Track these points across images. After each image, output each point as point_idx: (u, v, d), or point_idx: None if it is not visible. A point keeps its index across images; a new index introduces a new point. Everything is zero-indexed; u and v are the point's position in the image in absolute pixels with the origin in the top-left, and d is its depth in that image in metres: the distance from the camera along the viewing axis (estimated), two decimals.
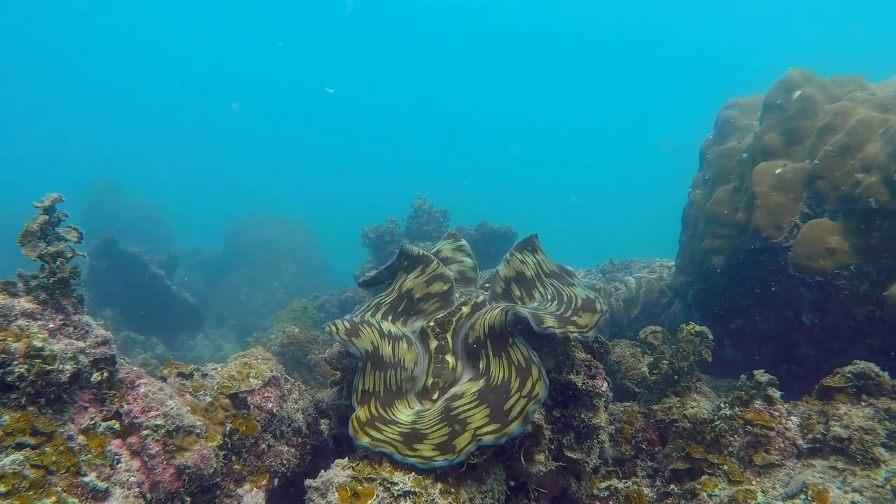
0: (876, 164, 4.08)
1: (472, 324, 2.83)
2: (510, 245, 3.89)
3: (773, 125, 5.15)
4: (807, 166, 4.66)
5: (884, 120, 4.35)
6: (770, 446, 3.20)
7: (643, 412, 3.76)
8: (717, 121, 6.27)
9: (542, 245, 3.45)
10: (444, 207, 11.53)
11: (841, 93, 5.08)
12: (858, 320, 4.21)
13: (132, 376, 2.48)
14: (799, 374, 4.60)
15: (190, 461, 2.39)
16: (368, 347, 2.66)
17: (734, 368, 4.30)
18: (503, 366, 2.52)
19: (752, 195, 4.84)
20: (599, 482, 3.32)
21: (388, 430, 2.38)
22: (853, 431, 3.10)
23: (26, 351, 2.15)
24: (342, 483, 2.20)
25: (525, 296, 3.12)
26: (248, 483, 2.81)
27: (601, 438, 2.97)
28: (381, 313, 3.12)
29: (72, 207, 2.44)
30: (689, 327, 3.90)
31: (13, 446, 2.05)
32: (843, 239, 4.17)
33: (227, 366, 3.14)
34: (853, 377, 3.31)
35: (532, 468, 2.52)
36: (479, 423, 2.30)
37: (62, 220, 2.42)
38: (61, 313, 2.36)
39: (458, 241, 3.95)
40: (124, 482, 2.24)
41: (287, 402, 3.15)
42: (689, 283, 5.90)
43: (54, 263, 2.37)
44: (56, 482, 2.06)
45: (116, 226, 15.53)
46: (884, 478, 2.90)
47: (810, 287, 4.41)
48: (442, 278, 3.22)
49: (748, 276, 5.14)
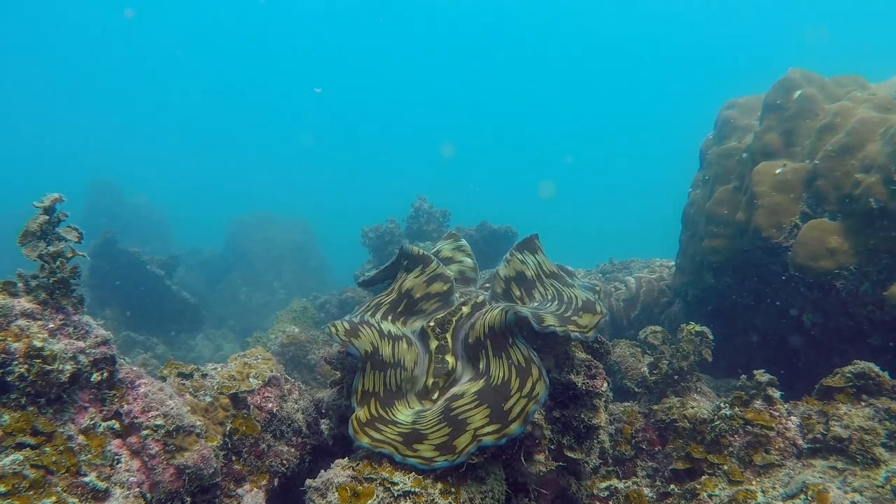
0: (876, 164, 4.08)
1: (472, 324, 2.83)
2: (510, 245, 3.89)
3: (773, 125, 5.15)
4: (807, 166, 4.66)
5: (884, 120, 4.35)
6: (770, 446, 3.20)
7: (643, 412, 3.76)
8: (717, 121, 6.27)
9: (543, 245, 3.45)
10: (444, 207, 11.53)
11: (841, 93, 5.08)
12: (858, 320, 4.21)
13: (132, 376, 2.48)
14: (799, 374, 4.59)
15: (190, 461, 2.39)
16: (368, 348, 2.66)
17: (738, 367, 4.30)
18: (503, 366, 2.51)
19: (752, 195, 4.84)
20: (599, 482, 3.32)
21: (387, 431, 2.38)
22: (853, 431, 3.10)
23: (26, 351, 2.15)
24: (342, 483, 2.20)
25: (525, 296, 3.12)
26: (248, 483, 2.81)
27: (601, 438, 2.97)
28: (380, 313, 3.12)
29: (72, 207, 2.44)
30: (689, 327, 3.91)
31: (13, 446, 2.05)
32: (844, 239, 4.17)
33: (227, 366, 3.14)
34: (853, 377, 3.31)
35: (532, 468, 2.52)
36: (480, 423, 2.30)
37: (62, 220, 2.42)
38: (61, 313, 2.36)
39: (458, 241, 3.95)
40: (124, 482, 2.24)
41: (287, 402, 3.15)
42: (689, 283, 5.90)
43: (54, 263, 2.37)
44: (56, 482, 2.06)
45: (116, 226, 15.53)
46: (884, 478, 2.90)
47: (810, 287, 4.40)
48: (442, 278, 3.21)
49: (748, 277, 5.14)
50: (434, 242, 9.65)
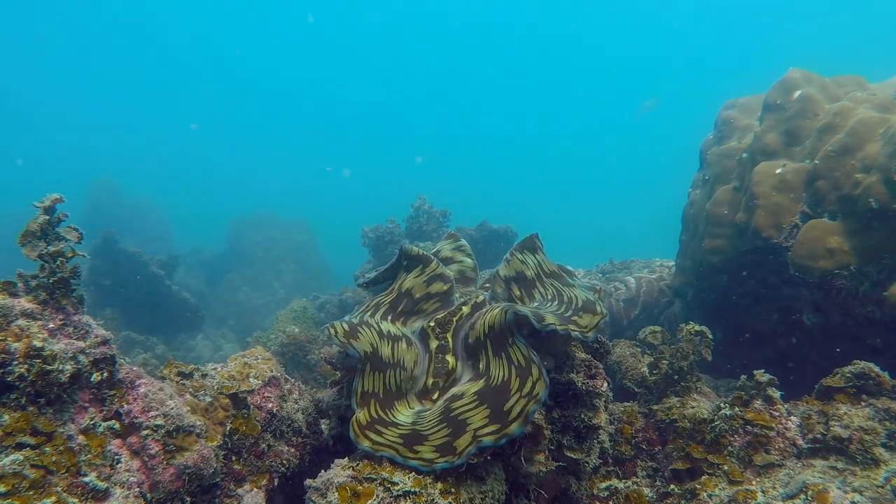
0: (876, 165, 4.08)
1: (472, 323, 2.83)
2: (510, 245, 3.89)
3: (773, 125, 5.15)
4: (807, 166, 4.66)
5: (884, 120, 4.35)
6: (770, 446, 3.20)
7: (643, 412, 3.76)
8: (717, 121, 6.27)
9: (543, 245, 3.44)
10: (444, 207, 11.54)
11: (841, 93, 5.08)
12: (858, 320, 4.21)
13: (132, 376, 2.48)
14: (799, 374, 4.59)
15: (190, 461, 2.39)
16: (367, 349, 2.66)
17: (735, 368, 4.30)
18: (503, 366, 2.51)
19: (752, 195, 4.84)
20: (599, 482, 3.32)
21: (388, 433, 2.38)
22: (853, 431, 3.10)
23: (26, 351, 2.15)
24: (342, 483, 2.20)
25: (525, 296, 3.12)
26: (248, 483, 2.81)
27: (601, 438, 2.97)
28: (380, 313, 3.11)
29: (72, 207, 2.44)
30: (688, 327, 3.90)
31: (13, 446, 2.05)
32: (843, 239, 4.17)
33: (227, 366, 3.14)
34: (853, 377, 3.31)
35: (532, 468, 2.52)
36: (480, 424, 2.29)
37: (62, 221, 2.42)
38: (61, 313, 2.36)
39: (458, 241, 3.95)
40: (124, 482, 2.24)
41: (287, 402, 3.15)
42: (689, 283, 5.91)
43: (54, 263, 2.37)
44: (56, 482, 2.06)
45: (116, 226, 15.52)
46: (884, 478, 2.90)
47: (810, 287, 4.40)
48: (442, 278, 3.21)
49: (748, 277, 5.14)
50: (434, 242, 9.66)
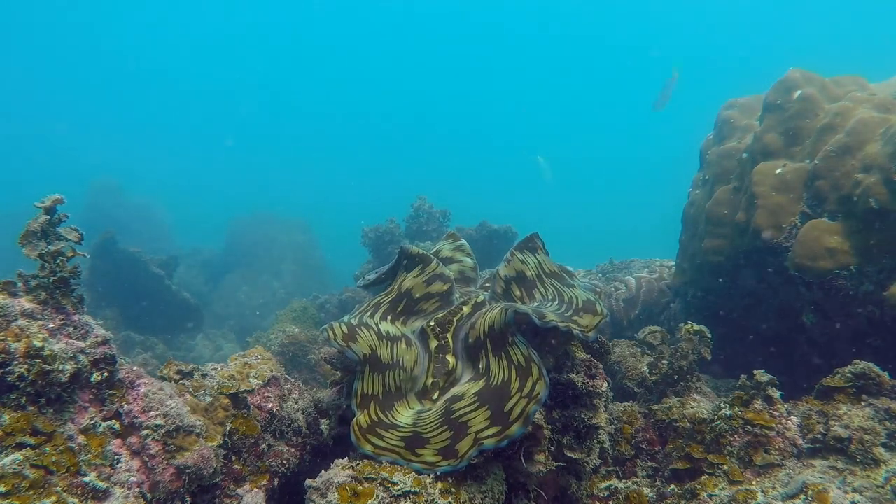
0: (876, 165, 4.08)
1: (472, 323, 2.83)
2: (510, 245, 3.88)
3: (773, 125, 5.15)
4: (807, 166, 4.66)
5: (884, 120, 4.35)
6: (770, 446, 3.20)
7: (643, 412, 3.76)
8: (717, 121, 6.27)
9: (543, 244, 3.44)
10: (444, 207, 11.54)
11: (841, 93, 5.08)
12: (858, 320, 4.21)
13: (132, 376, 2.48)
14: (799, 374, 4.60)
15: (190, 461, 2.39)
16: (366, 351, 2.65)
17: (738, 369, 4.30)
18: (503, 365, 2.51)
19: (752, 195, 4.84)
20: (599, 482, 3.32)
21: (389, 437, 2.38)
22: (853, 431, 3.10)
23: (26, 351, 2.15)
24: (342, 483, 2.20)
25: (525, 296, 3.12)
26: (248, 483, 2.81)
27: (601, 438, 2.97)
28: (380, 313, 3.11)
29: (72, 207, 2.44)
30: (687, 326, 3.90)
31: (13, 446, 2.05)
32: (843, 239, 4.17)
33: (227, 366, 3.14)
34: (853, 377, 3.31)
35: (532, 468, 2.52)
36: (480, 426, 2.29)
37: (63, 221, 2.42)
38: (61, 313, 2.36)
39: (458, 241, 3.95)
40: (124, 482, 2.24)
41: (287, 402, 3.15)
42: (689, 283, 5.91)
43: (54, 263, 2.37)
44: (56, 482, 2.06)
45: (116, 226, 15.50)
46: (884, 478, 2.90)
47: (810, 287, 4.40)
48: (442, 278, 3.21)
49: (748, 277, 5.14)
50: (434, 242, 9.64)
